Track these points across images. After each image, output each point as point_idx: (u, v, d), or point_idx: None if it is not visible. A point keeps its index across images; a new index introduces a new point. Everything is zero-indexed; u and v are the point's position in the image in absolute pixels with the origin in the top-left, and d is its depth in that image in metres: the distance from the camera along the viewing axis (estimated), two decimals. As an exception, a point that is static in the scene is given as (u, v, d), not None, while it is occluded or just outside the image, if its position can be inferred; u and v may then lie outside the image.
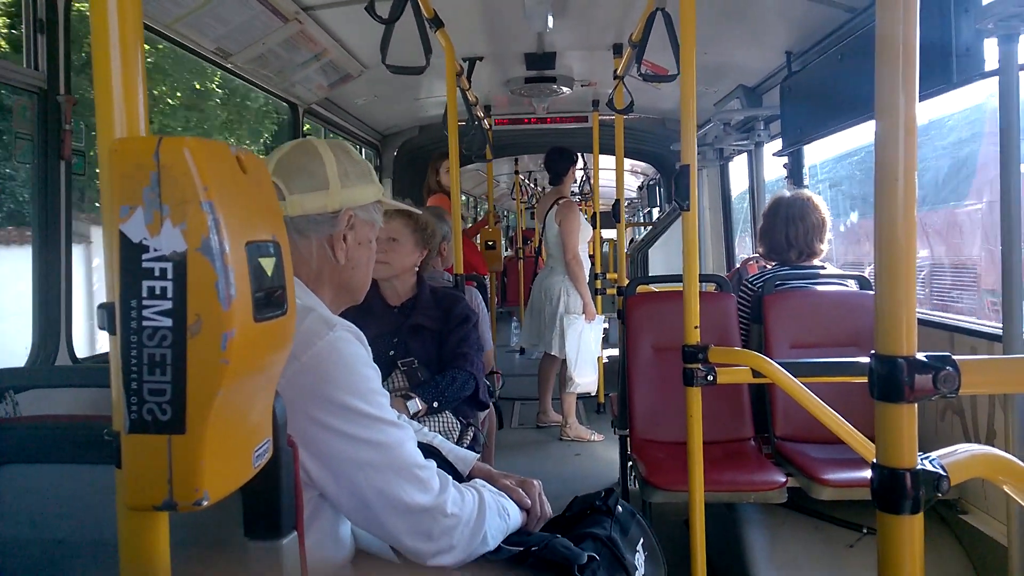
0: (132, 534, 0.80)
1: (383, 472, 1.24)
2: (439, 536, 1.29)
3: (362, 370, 1.27)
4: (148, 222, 0.71)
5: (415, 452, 1.30)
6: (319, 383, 1.20)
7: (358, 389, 1.24)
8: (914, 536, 0.94)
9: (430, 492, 1.28)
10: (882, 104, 0.92)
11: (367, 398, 1.24)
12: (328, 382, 1.21)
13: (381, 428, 1.25)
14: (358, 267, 1.46)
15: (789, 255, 3.06)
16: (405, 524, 1.26)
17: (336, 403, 1.21)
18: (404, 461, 1.27)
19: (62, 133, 2.19)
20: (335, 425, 1.21)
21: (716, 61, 4.03)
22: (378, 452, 1.24)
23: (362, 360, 1.28)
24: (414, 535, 1.27)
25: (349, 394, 1.22)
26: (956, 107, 3.84)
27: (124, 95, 0.76)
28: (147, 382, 0.73)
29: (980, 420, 2.42)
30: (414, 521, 1.27)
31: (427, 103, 5.39)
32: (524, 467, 3.97)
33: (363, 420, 1.23)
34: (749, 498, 2.53)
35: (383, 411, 1.27)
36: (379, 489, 1.23)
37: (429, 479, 1.29)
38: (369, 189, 1.46)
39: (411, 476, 1.26)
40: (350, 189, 1.41)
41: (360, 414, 1.23)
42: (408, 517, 1.26)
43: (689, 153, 2.05)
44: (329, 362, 1.22)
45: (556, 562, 1.43)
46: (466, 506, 1.35)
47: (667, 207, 8.14)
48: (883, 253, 0.92)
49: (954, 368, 0.91)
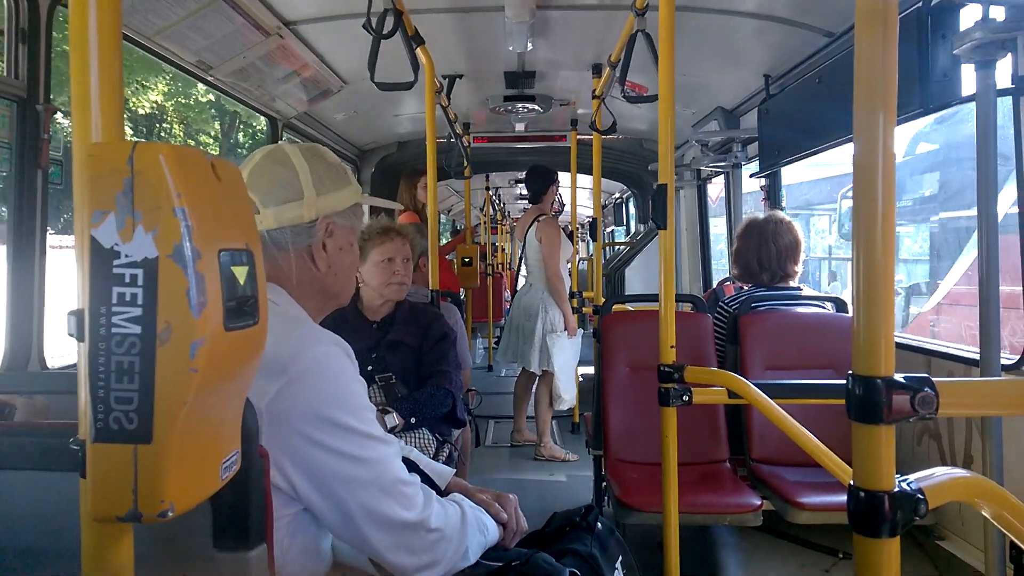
0: (96, 545, 0.78)
1: (369, 488, 1.23)
2: (422, 551, 1.29)
3: (351, 385, 1.25)
4: (120, 228, 0.70)
5: (401, 468, 1.30)
6: (308, 398, 1.19)
7: (347, 404, 1.23)
8: (891, 560, 0.94)
9: (415, 508, 1.27)
10: (860, 127, 0.92)
11: (356, 414, 1.23)
12: (317, 398, 1.20)
13: (369, 444, 1.24)
14: (340, 272, 1.43)
15: (762, 277, 3.08)
16: (389, 539, 1.25)
17: (324, 418, 1.19)
18: (390, 477, 1.26)
19: (40, 142, 2.17)
20: (323, 440, 1.19)
21: (695, 82, 4.07)
22: (365, 468, 1.23)
23: (350, 375, 1.26)
24: (397, 550, 1.26)
25: (338, 409, 1.21)
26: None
27: (101, 100, 0.74)
28: (114, 390, 0.71)
29: (957, 445, 2.43)
30: (398, 537, 1.26)
31: (406, 120, 5.40)
32: (499, 485, 3.93)
33: (351, 436, 1.22)
34: (724, 520, 2.52)
35: (371, 427, 1.26)
36: (364, 505, 1.22)
37: (414, 495, 1.29)
38: (345, 193, 1.43)
39: (397, 492, 1.26)
40: (326, 196, 1.38)
41: (348, 430, 1.21)
42: (392, 532, 1.25)
43: (667, 172, 2.06)
44: (319, 376, 1.21)
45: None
46: (450, 521, 1.35)
47: (641, 227, 8.20)
48: (861, 273, 0.92)
49: (932, 389, 0.91)
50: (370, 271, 2.75)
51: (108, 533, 0.78)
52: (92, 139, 0.74)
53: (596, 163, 4.20)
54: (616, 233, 11.39)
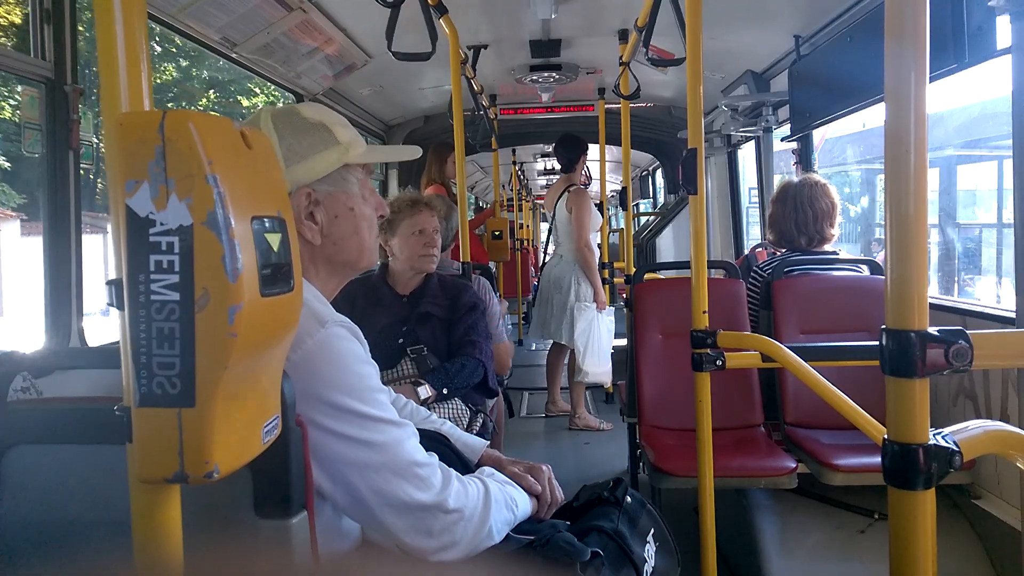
0: (144, 508, 0.81)
1: (380, 472, 1.19)
2: (440, 533, 1.25)
3: (356, 367, 1.21)
4: (154, 196, 0.72)
5: (415, 450, 1.25)
6: (311, 383, 1.15)
7: (352, 387, 1.18)
8: (926, 513, 0.93)
9: (430, 489, 1.23)
10: (892, 85, 0.91)
11: (362, 396, 1.19)
12: (321, 381, 1.16)
13: (378, 427, 1.20)
14: (342, 240, 1.35)
15: (799, 241, 3.04)
16: (404, 523, 1.22)
17: (329, 403, 1.16)
18: (403, 460, 1.21)
19: (70, 123, 2.21)
20: (329, 425, 1.16)
21: (723, 46, 4.00)
22: (375, 452, 1.19)
23: (357, 357, 1.22)
24: (414, 533, 1.23)
25: (343, 393, 1.17)
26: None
27: (128, 70, 0.75)
28: (156, 356, 0.73)
29: (993, 403, 2.40)
30: (414, 519, 1.22)
31: (431, 93, 5.39)
32: (534, 456, 3.97)
33: (358, 420, 1.18)
34: (759, 484, 2.52)
35: (381, 409, 1.22)
36: (376, 489, 1.19)
37: (429, 476, 1.24)
38: (325, 157, 1.32)
39: (410, 475, 1.21)
40: (298, 165, 1.29)
41: (355, 413, 1.18)
42: (407, 516, 1.22)
43: (696, 136, 2.03)
44: (321, 360, 1.17)
45: (559, 559, 1.39)
46: (470, 500, 1.30)
47: (671, 198, 8.12)
48: (895, 229, 0.92)
49: (967, 342, 0.90)
50: (400, 244, 2.77)
51: (156, 495, 0.80)
52: (121, 109, 0.75)
53: (625, 130, 4.17)
54: (643, 206, 11.28)
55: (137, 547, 0.81)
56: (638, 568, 1.51)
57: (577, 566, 1.38)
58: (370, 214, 1.40)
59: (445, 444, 1.60)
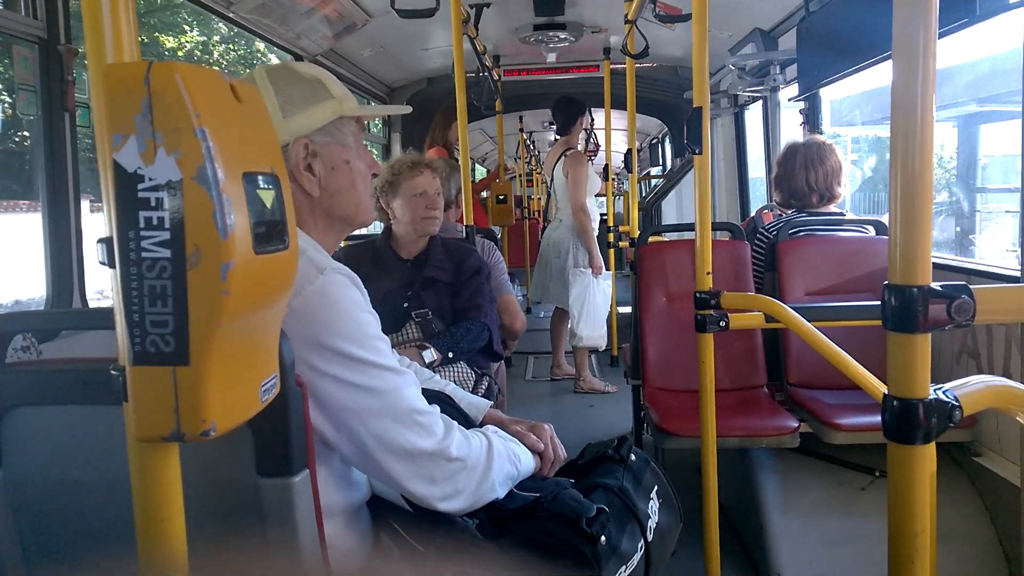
0: (143, 468, 0.80)
1: (381, 418, 1.21)
2: (443, 481, 1.26)
3: (355, 314, 1.22)
4: (142, 151, 0.70)
5: (415, 397, 1.27)
6: (310, 328, 1.16)
7: (351, 333, 1.19)
8: (925, 467, 0.93)
9: (432, 437, 1.25)
10: (900, 38, 0.89)
11: (361, 342, 1.20)
12: (319, 327, 1.17)
13: (377, 373, 1.21)
14: (339, 193, 1.37)
15: (810, 199, 3.02)
16: (407, 469, 1.23)
17: (328, 348, 1.17)
18: (403, 406, 1.23)
19: (65, 84, 2.18)
20: (329, 371, 1.17)
21: (730, 2, 3.93)
22: (375, 398, 1.20)
23: (355, 303, 1.23)
24: (417, 479, 1.24)
25: (341, 339, 1.18)
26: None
27: (111, 20, 0.73)
28: (149, 314, 0.72)
29: (996, 361, 2.39)
30: (416, 466, 1.24)
31: (434, 53, 5.31)
32: (539, 418, 4.01)
33: (357, 365, 1.19)
34: (761, 443, 2.53)
35: (380, 356, 1.23)
36: (377, 435, 1.20)
37: (431, 424, 1.26)
38: (321, 109, 1.33)
39: (411, 421, 1.23)
40: (295, 117, 1.30)
41: (353, 359, 1.19)
42: (409, 462, 1.23)
43: (702, 95, 2.00)
44: (319, 307, 1.18)
45: (565, 515, 1.41)
46: (472, 451, 1.32)
47: (677, 161, 8.04)
48: (899, 185, 0.90)
49: (970, 296, 0.89)
50: (402, 206, 2.75)
51: (154, 454, 0.80)
52: (107, 60, 0.73)
53: (630, 90, 4.11)
54: (654, 173, 11.17)
55: (137, 507, 0.81)
56: (642, 524, 1.53)
57: (583, 521, 1.39)
58: (364, 169, 1.42)
59: (449, 403, 1.60)
